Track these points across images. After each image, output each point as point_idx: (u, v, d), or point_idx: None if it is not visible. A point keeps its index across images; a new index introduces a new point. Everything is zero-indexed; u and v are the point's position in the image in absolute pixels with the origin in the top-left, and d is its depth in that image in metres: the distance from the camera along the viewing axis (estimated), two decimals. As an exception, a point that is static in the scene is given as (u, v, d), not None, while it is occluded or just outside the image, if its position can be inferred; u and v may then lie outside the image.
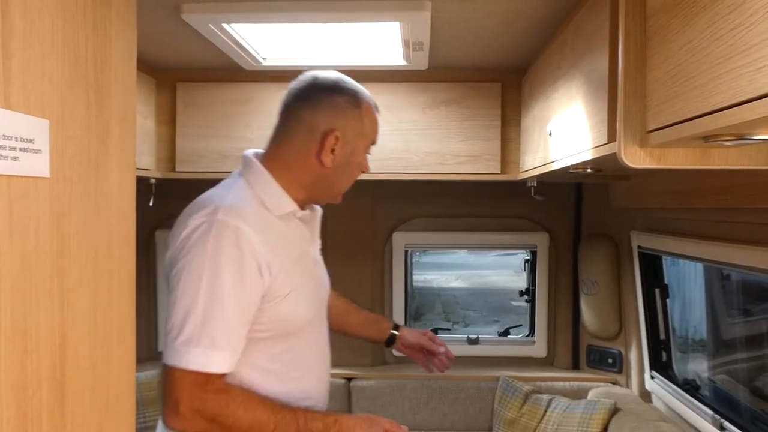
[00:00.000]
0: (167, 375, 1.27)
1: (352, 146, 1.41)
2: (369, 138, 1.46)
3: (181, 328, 1.25)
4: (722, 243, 1.62)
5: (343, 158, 1.41)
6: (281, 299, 1.34)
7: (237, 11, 1.61)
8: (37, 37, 0.73)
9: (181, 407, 1.24)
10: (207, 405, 1.26)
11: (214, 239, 1.26)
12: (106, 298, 0.89)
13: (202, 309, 1.25)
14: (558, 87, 1.68)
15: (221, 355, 1.26)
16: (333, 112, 1.39)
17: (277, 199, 1.39)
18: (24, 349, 0.71)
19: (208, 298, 1.25)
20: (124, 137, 0.94)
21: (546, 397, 2.38)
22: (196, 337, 1.24)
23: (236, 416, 1.27)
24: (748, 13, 0.70)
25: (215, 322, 1.25)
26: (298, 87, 1.44)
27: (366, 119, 1.43)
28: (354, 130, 1.41)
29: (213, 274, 1.25)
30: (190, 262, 1.27)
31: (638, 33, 1.06)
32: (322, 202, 1.53)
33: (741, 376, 1.95)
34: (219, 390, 1.27)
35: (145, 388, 2.43)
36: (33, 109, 0.72)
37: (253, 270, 1.28)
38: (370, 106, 1.45)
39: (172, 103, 2.36)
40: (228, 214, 1.29)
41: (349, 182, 1.48)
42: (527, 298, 2.83)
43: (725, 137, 0.86)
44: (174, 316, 1.27)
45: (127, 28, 0.95)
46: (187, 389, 1.25)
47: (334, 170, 1.41)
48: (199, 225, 1.29)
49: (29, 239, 0.71)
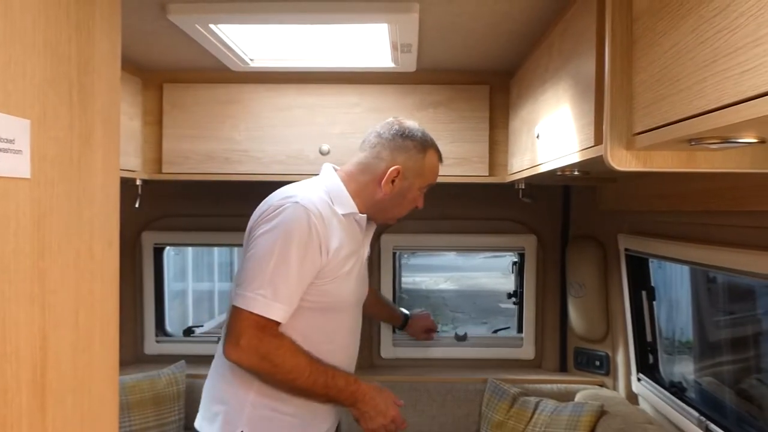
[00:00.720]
0: (235, 314, 1.56)
1: (410, 182, 1.76)
2: (426, 179, 1.79)
3: (252, 279, 1.56)
4: (709, 246, 1.62)
5: (400, 190, 1.75)
6: (330, 280, 1.64)
7: (224, 12, 1.60)
8: (17, 37, 0.72)
9: (242, 341, 1.53)
10: (262, 344, 1.55)
11: (289, 216, 1.58)
12: (89, 300, 0.88)
13: (272, 268, 1.55)
14: (545, 89, 1.69)
15: (280, 307, 1.55)
16: (402, 152, 1.74)
17: (343, 202, 1.72)
18: (3, 352, 0.70)
19: (277, 260, 1.55)
20: (107, 138, 0.93)
21: (533, 399, 2.38)
22: (264, 288, 1.54)
23: (283, 358, 1.57)
24: (732, 16, 0.70)
25: (279, 280, 1.55)
26: (383, 128, 1.78)
27: (427, 163, 1.77)
28: (414, 170, 1.75)
29: (284, 242, 1.56)
30: (269, 231, 1.58)
31: (625, 35, 1.06)
32: (378, 222, 1.86)
33: (727, 378, 1.97)
34: (274, 335, 1.56)
35: (131, 391, 2.40)
36: (13, 109, 0.71)
37: (315, 246, 1.59)
38: (435, 154, 1.80)
39: (158, 104, 2.35)
40: (303, 200, 1.61)
41: (401, 211, 1.83)
42: (515, 300, 2.83)
43: (711, 140, 0.86)
44: (248, 270, 1.58)
45: (111, 28, 0.94)
46: (250, 328, 1.54)
47: (390, 198, 1.76)
48: (279, 205, 1.61)
49: (9, 241, 0.70)
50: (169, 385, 2.49)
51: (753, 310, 1.89)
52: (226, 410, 1.67)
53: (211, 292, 8.11)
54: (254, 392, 1.65)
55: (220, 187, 2.62)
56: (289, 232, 1.56)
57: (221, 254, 8.23)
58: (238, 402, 1.66)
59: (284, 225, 1.57)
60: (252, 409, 1.66)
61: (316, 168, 1.86)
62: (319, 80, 2.30)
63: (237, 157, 2.31)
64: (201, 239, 2.93)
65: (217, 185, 2.55)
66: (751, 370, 1.86)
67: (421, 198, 1.83)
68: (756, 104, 0.66)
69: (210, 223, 2.77)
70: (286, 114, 2.31)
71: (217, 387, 1.73)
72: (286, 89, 2.31)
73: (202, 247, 6.15)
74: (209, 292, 8.08)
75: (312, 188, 1.70)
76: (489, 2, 1.56)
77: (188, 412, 2.55)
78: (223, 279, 8.40)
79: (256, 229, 1.62)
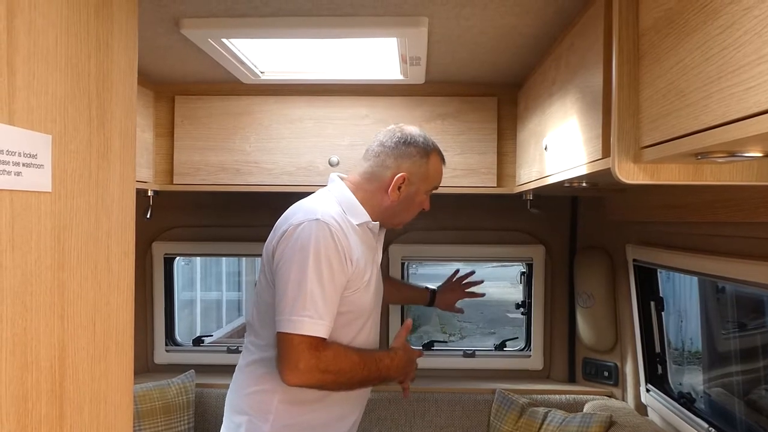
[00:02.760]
0: (286, 340, 1.59)
1: (416, 187, 1.80)
2: (431, 183, 1.83)
3: (294, 302, 1.59)
4: (716, 257, 1.63)
5: (407, 196, 1.80)
6: (353, 291, 1.70)
7: (236, 27, 1.62)
8: (41, 54, 0.74)
9: (301, 365, 1.58)
10: (321, 361, 1.60)
11: (315, 235, 1.61)
12: (105, 310, 0.90)
13: (309, 288, 1.59)
14: (553, 102, 1.70)
15: (324, 323, 1.60)
16: (406, 159, 1.77)
17: (356, 212, 1.76)
18: (24, 361, 0.71)
19: (312, 280, 1.59)
20: (124, 151, 0.95)
21: (542, 410, 2.38)
22: (307, 309, 1.58)
23: (340, 364, 1.64)
24: (737, 34, 0.72)
25: (318, 299, 1.59)
26: (385, 136, 1.81)
27: (431, 168, 1.81)
28: (419, 175, 1.79)
29: (315, 261, 1.60)
30: (298, 252, 1.61)
31: (631, 51, 1.08)
32: (387, 227, 1.91)
33: (736, 389, 1.96)
34: (326, 348, 1.62)
35: (141, 400, 2.42)
36: (36, 124, 0.73)
37: (342, 260, 1.64)
38: (438, 158, 1.83)
39: (170, 116, 2.38)
40: (324, 216, 1.64)
41: (409, 216, 1.88)
42: (523, 310, 2.83)
43: (717, 154, 0.87)
44: (287, 295, 1.61)
45: (129, 43, 0.96)
46: (305, 351, 1.58)
47: (398, 204, 1.80)
48: (300, 223, 1.64)
49: (31, 253, 0.72)
50: (178, 394, 2.51)
51: (762, 320, 1.89)
52: (249, 420, 1.73)
53: (219, 302, 8.13)
54: (277, 401, 1.71)
55: (230, 197, 2.65)
56: (318, 250, 1.60)
57: (229, 264, 8.27)
58: (261, 412, 1.72)
59: (311, 244, 1.60)
60: (275, 417, 1.71)
61: (326, 179, 1.88)
62: (329, 92, 2.32)
63: (247, 168, 2.34)
64: (211, 249, 2.95)
65: (226, 196, 2.58)
66: (761, 381, 1.86)
67: (427, 201, 1.87)
68: (760, 120, 0.67)
69: (220, 233, 2.80)
70: (296, 126, 2.33)
71: (238, 398, 1.79)
72: (296, 101, 2.33)
73: (212, 257, 6.17)
74: (217, 301, 8.10)
75: (327, 202, 1.74)
76: (496, 17, 1.58)
77: (198, 421, 2.56)
78: (230, 288, 8.44)
79: (282, 250, 1.65)
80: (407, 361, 1.87)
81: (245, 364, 1.81)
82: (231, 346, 2.85)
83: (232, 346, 2.85)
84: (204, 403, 2.58)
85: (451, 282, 2.47)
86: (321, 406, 1.75)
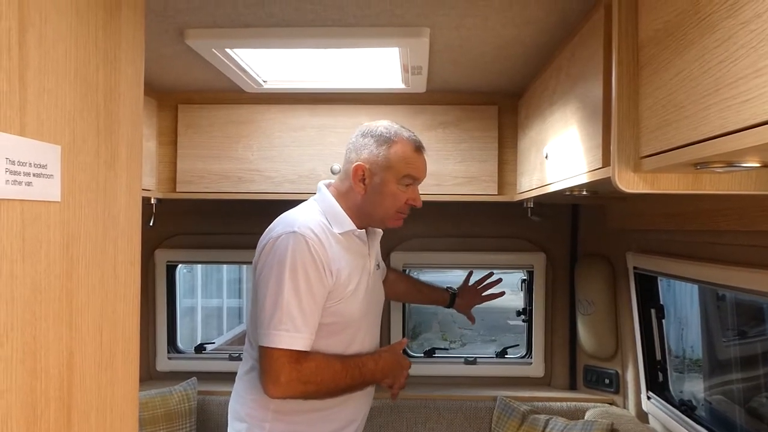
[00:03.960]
0: (266, 354, 1.62)
1: (381, 177, 1.75)
2: (399, 171, 1.75)
3: (272, 317, 1.61)
4: (716, 264, 1.64)
5: (373, 188, 1.75)
6: (336, 302, 1.70)
7: (240, 37, 1.64)
8: (51, 67, 0.75)
9: (282, 378, 1.60)
10: (302, 373, 1.62)
11: (291, 248, 1.62)
12: (112, 318, 0.91)
13: (286, 301, 1.60)
14: (554, 111, 1.72)
15: (303, 336, 1.62)
16: (364, 149, 1.76)
17: (339, 220, 1.76)
18: (33, 369, 0.72)
19: (289, 293, 1.61)
20: (130, 161, 0.96)
21: (543, 417, 2.39)
22: (284, 322, 1.60)
23: (323, 374, 1.65)
24: (734, 47, 0.73)
25: (296, 312, 1.61)
26: (353, 134, 1.83)
27: (393, 156, 1.75)
28: (379, 164, 1.74)
29: (291, 274, 1.61)
30: (275, 266, 1.63)
31: (631, 62, 1.09)
32: (374, 226, 1.87)
33: (737, 396, 1.97)
34: (306, 359, 1.63)
35: (143, 408, 2.43)
36: (46, 135, 0.75)
37: (320, 271, 1.64)
38: (404, 146, 1.76)
39: (173, 125, 2.39)
40: (301, 229, 1.65)
41: (385, 209, 1.78)
42: (524, 317, 2.84)
43: (716, 164, 0.88)
44: (266, 309, 1.63)
45: (136, 55, 0.97)
46: (285, 364, 1.60)
47: (368, 198, 1.76)
48: (279, 237, 1.66)
49: (40, 262, 0.74)
50: (180, 401, 2.51)
51: (762, 327, 1.90)
52: (248, 428, 1.76)
53: (220, 309, 8.12)
54: (272, 411, 1.74)
55: (232, 205, 2.66)
56: (294, 263, 1.62)
57: (230, 271, 8.26)
58: (258, 420, 1.75)
59: (288, 257, 1.62)
60: (271, 426, 1.74)
61: (327, 188, 1.90)
62: (331, 101, 2.34)
63: (250, 176, 2.35)
64: (213, 257, 2.96)
65: (229, 204, 2.59)
66: (761, 389, 1.87)
67: (408, 193, 1.80)
68: (757, 132, 0.69)
69: (221, 240, 2.81)
70: (299, 134, 2.34)
71: (238, 405, 1.83)
72: (298, 110, 2.35)
73: (213, 264, 6.17)
74: (218, 308, 8.10)
75: (309, 213, 1.75)
76: (498, 27, 1.60)
77: (200, 429, 2.57)
78: (231, 296, 8.42)
79: (262, 264, 1.68)
80: (393, 364, 1.87)
81: (244, 372, 1.83)
82: (233, 353, 2.86)
83: (234, 353, 2.86)
84: (206, 411, 2.59)
85: (468, 285, 2.47)
86: (319, 416, 1.77)
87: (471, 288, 2.46)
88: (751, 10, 0.69)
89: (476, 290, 2.45)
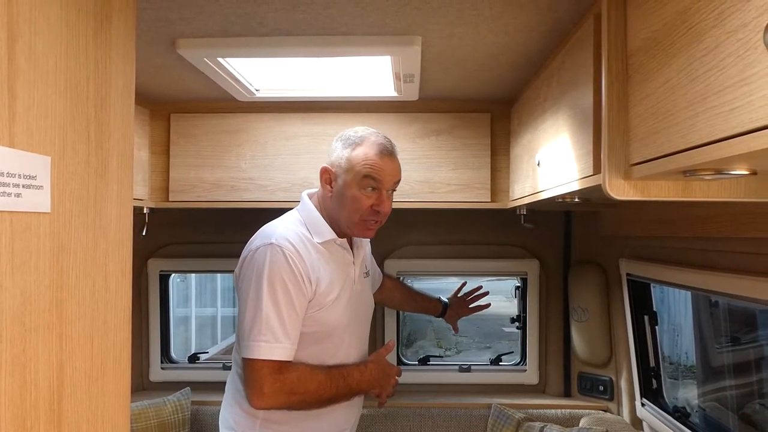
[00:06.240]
0: (248, 366, 1.62)
1: (343, 180, 1.72)
2: (357, 173, 1.70)
3: (251, 328, 1.61)
4: (708, 271, 1.64)
5: (338, 191, 1.73)
6: (317, 310, 1.69)
7: (232, 46, 1.64)
8: (41, 78, 0.75)
9: (265, 389, 1.60)
10: (285, 384, 1.62)
11: (268, 260, 1.63)
12: (103, 329, 0.90)
13: (265, 313, 1.61)
14: (545, 118, 1.72)
15: (283, 346, 1.62)
16: (332, 154, 1.76)
17: (319, 229, 1.75)
18: (23, 381, 0.72)
19: (267, 304, 1.61)
20: (122, 171, 0.96)
21: (538, 424, 2.38)
22: (264, 333, 1.60)
23: (306, 385, 1.65)
24: (721, 56, 0.74)
25: (275, 323, 1.61)
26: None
27: (354, 158, 1.71)
28: (341, 166, 1.73)
29: (269, 285, 1.62)
30: (254, 278, 1.64)
31: (620, 71, 1.10)
32: (349, 234, 1.81)
33: (730, 403, 1.97)
34: (289, 370, 1.63)
35: (137, 419, 2.41)
36: (36, 146, 0.74)
37: (299, 280, 1.64)
38: (368, 148, 1.72)
39: (165, 134, 2.39)
40: (279, 239, 1.66)
41: (348, 214, 1.73)
42: (518, 324, 2.84)
43: (705, 172, 0.89)
44: (246, 320, 1.64)
45: (126, 65, 0.97)
46: (267, 375, 1.60)
47: (334, 201, 1.75)
48: (257, 249, 1.67)
49: (30, 273, 0.73)
50: (174, 412, 2.50)
51: (755, 334, 1.90)
52: None
53: (214, 318, 8.09)
54: (261, 419, 1.73)
55: (225, 214, 2.65)
56: (272, 274, 1.62)
57: (224, 280, 8.23)
58: (247, 428, 1.74)
59: (266, 269, 1.63)
60: None
61: (321, 196, 1.89)
62: (324, 109, 2.35)
63: (243, 185, 2.35)
64: (206, 266, 2.96)
65: (222, 212, 2.59)
66: (755, 395, 1.87)
67: (372, 199, 1.71)
68: (745, 140, 0.69)
69: (215, 249, 2.80)
70: (292, 142, 2.35)
71: (227, 414, 1.81)
72: (291, 118, 2.35)
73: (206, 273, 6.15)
74: (212, 317, 8.06)
75: (289, 224, 1.75)
76: (489, 35, 1.60)
77: (193, 439, 2.55)
78: (226, 305, 8.39)
79: (242, 276, 1.70)
80: (380, 373, 1.85)
81: (232, 381, 1.83)
82: (227, 363, 2.84)
83: (227, 362, 2.85)
84: (200, 421, 2.58)
85: (458, 297, 2.47)
86: (307, 425, 1.76)
87: (461, 299, 2.47)
88: (738, 20, 0.70)
89: (465, 301, 2.46)
